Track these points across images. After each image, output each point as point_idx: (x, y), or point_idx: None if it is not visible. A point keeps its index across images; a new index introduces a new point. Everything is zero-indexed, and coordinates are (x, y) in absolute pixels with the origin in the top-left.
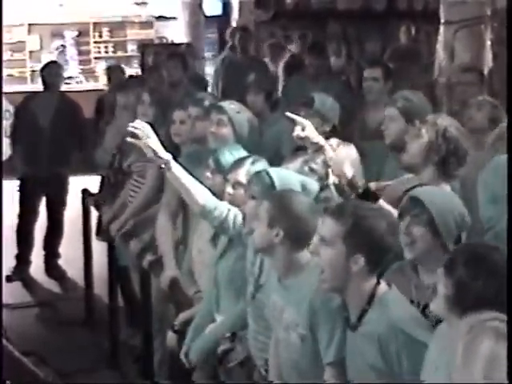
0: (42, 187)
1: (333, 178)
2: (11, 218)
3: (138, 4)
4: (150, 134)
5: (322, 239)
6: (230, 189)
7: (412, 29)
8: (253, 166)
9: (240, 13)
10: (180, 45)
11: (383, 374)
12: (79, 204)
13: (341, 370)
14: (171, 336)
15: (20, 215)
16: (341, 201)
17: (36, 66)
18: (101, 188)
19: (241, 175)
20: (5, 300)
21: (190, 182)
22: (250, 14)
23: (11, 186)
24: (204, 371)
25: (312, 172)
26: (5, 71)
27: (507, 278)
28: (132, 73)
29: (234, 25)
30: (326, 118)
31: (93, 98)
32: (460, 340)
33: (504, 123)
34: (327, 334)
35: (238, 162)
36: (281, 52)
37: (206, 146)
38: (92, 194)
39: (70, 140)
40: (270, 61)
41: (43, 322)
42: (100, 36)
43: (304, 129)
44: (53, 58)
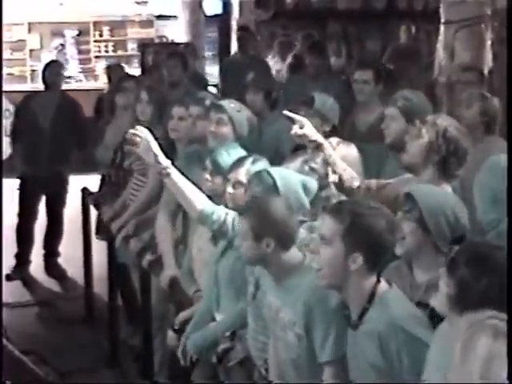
0: (41, 186)
1: (333, 177)
2: (11, 217)
3: (138, 3)
4: (149, 139)
5: (322, 238)
6: (230, 188)
7: (412, 28)
8: (253, 166)
9: (240, 12)
10: (180, 44)
11: (383, 372)
12: (79, 203)
13: (339, 369)
14: (171, 335)
15: (20, 214)
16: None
17: (36, 65)
18: (101, 187)
19: (241, 174)
20: (5, 299)
21: (187, 188)
22: (250, 13)
23: (11, 185)
24: (203, 371)
25: (312, 171)
26: (5, 70)
27: (507, 278)
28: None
29: (234, 24)
30: (326, 118)
31: (93, 97)
32: (459, 338)
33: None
34: (322, 333)
35: (239, 162)
36: (289, 50)
37: (206, 145)
38: (92, 193)
39: (70, 139)
40: (279, 59)
41: (43, 321)
42: (100, 35)
43: (302, 127)
44: (53, 56)
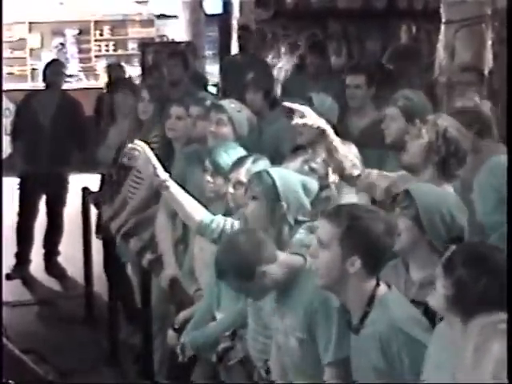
0: (42, 185)
1: (333, 177)
2: (11, 216)
3: (138, 2)
4: (148, 153)
5: (320, 242)
6: (231, 188)
7: (412, 28)
8: (253, 165)
9: (240, 11)
10: (181, 43)
11: (385, 375)
12: (79, 202)
13: (342, 370)
14: (171, 334)
15: (20, 213)
16: (340, 201)
17: (36, 64)
18: (101, 186)
19: (242, 174)
20: (5, 298)
21: (186, 201)
22: (250, 12)
23: (11, 184)
24: (203, 370)
25: (312, 171)
26: (5, 69)
27: (507, 278)
28: (133, 71)
29: (234, 23)
30: (324, 118)
31: (93, 96)
32: (470, 341)
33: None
34: (325, 334)
35: (239, 161)
36: (297, 51)
37: (206, 145)
38: (92, 192)
39: (70, 138)
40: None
41: (43, 320)
42: (101, 34)
43: (303, 116)
44: (53, 56)
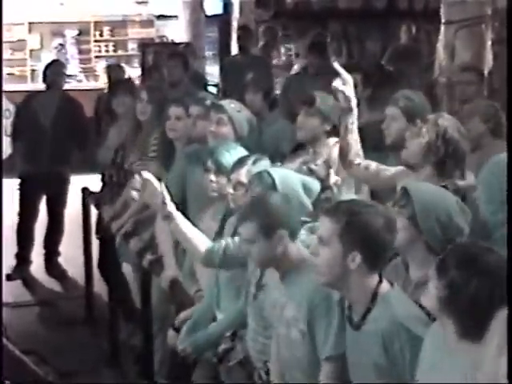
0: (42, 186)
1: (334, 178)
2: (11, 216)
3: (138, 3)
4: (155, 183)
5: (320, 239)
6: (231, 189)
7: (413, 28)
8: (254, 166)
9: (241, 12)
10: (180, 44)
11: (386, 371)
12: (79, 203)
13: (338, 366)
14: (172, 334)
15: (20, 214)
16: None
17: (36, 65)
18: (102, 187)
19: (242, 175)
20: (5, 299)
21: (190, 232)
22: (250, 13)
23: (11, 185)
24: (204, 371)
25: (310, 173)
26: (5, 70)
27: (507, 278)
28: (132, 72)
29: (234, 24)
30: (326, 117)
31: (93, 97)
32: (493, 339)
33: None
34: (324, 329)
35: (240, 162)
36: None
37: (206, 145)
38: (92, 193)
39: (70, 139)
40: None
41: (43, 320)
42: (101, 35)
43: (345, 83)
44: (53, 56)
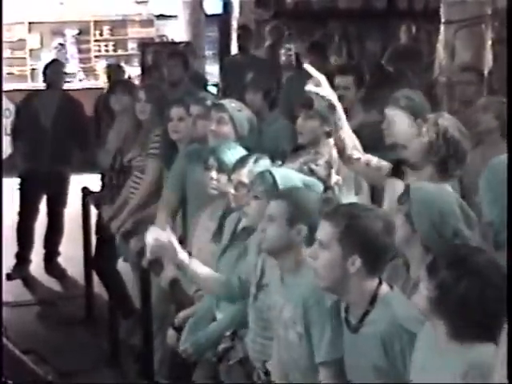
0: (42, 185)
1: (335, 179)
2: (11, 216)
3: (138, 2)
4: (163, 236)
5: (319, 243)
6: (232, 189)
7: (412, 28)
8: (255, 166)
9: (240, 11)
10: (180, 43)
11: (385, 373)
12: (79, 203)
13: (336, 370)
14: (171, 333)
15: (20, 213)
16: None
17: (36, 65)
18: (102, 187)
19: (243, 176)
20: (5, 298)
21: (206, 274)
22: (250, 12)
23: (11, 185)
24: (204, 371)
25: (311, 173)
26: (5, 69)
27: (507, 278)
28: (132, 71)
29: (234, 23)
30: (325, 118)
31: (93, 96)
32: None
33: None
34: (318, 333)
35: (241, 162)
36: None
37: (207, 144)
38: (92, 193)
39: (71, 138)
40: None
41: (43, 320)
42: (101, 34)
43: (318, 85)
44: (53, 56)
